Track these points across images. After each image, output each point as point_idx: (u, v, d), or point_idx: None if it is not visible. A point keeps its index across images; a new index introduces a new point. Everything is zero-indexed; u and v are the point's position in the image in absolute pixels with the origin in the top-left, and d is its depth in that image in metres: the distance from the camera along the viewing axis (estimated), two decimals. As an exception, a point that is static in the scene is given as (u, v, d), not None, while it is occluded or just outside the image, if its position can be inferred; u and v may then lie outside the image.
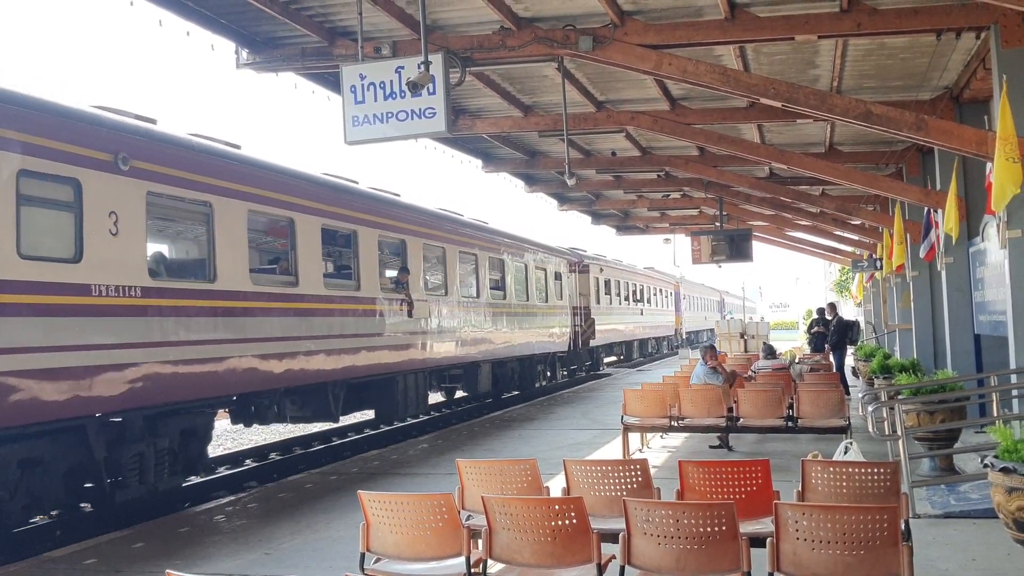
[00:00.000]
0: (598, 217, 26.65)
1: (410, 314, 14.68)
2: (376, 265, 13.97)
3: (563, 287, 24.94)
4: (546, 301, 23.08)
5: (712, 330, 62.82)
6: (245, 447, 15.84)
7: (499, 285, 19.70)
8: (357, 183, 14.09)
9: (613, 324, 31.75)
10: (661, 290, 43.66)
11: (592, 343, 28.11)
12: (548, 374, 24.67)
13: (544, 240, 24.37)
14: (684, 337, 53.37)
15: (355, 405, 14.56)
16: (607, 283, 31.13)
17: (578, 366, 28.26)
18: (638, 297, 37.12)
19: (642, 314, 37.77)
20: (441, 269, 16.56)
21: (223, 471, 12.90)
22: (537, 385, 23.25)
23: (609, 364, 34.96)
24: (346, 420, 19.31)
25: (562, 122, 12.02)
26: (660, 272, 46.12)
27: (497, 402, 21.25)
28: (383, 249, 14.43)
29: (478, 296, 18.20)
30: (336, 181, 13.43)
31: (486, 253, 18.82)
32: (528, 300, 21.51)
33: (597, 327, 28.20)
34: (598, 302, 29.15)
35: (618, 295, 32.96)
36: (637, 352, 38.93)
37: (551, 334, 23.47)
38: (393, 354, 14.32)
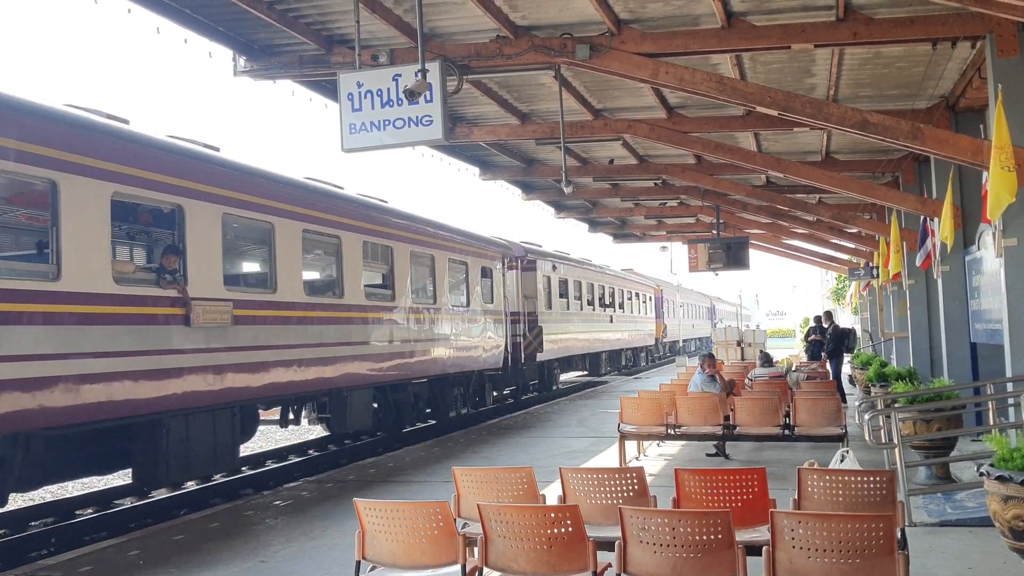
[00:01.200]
0: (595, 225, 26.66)
1: (187, 320, 9.75)
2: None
3: (494, 287, 19.66)
4: (466, 305, 17.86)
5: (701, 339, 60.02)
6: (240, 455, 15.79)
7: (386, 282, 14.83)
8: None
9: (571, 333, 26.43)
10: (638, 294, 37.88)
11: (540, 357, 22.57)
12: (479, 397, 19.78)
13: (467, 226, 18.98)
14: (667, 348, 49.45)
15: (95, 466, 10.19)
16: (563, 284, 25.85)
17: (521, 385, 22.96)
18: (607, 302, 31.87)
19: (612, 321, 32.38)
20: (266, 254, 11.68)
21: (219, 478, 12.86)
22: (453, 413, 18.24)
23: (579, 382, 30.68)
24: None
25: (559, 130, 12.05)
26: (639, 275, 40.72)
27: (395, 438, 16.02)
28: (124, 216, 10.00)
29: (341, 295, 13.13)
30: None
31: (360, 237, 13.60)
32: (436, 303, 16.23)
33: (547, 337, 22.74)
34: (549, 307, 23.76)
35: (578, 299, 27.58)
36: (606, 365, 33.42)
37: (474, 347, 18.11)
38: (150, 385, 9.28)
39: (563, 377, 28.98)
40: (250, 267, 13.55)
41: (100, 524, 10.32)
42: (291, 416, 13.26)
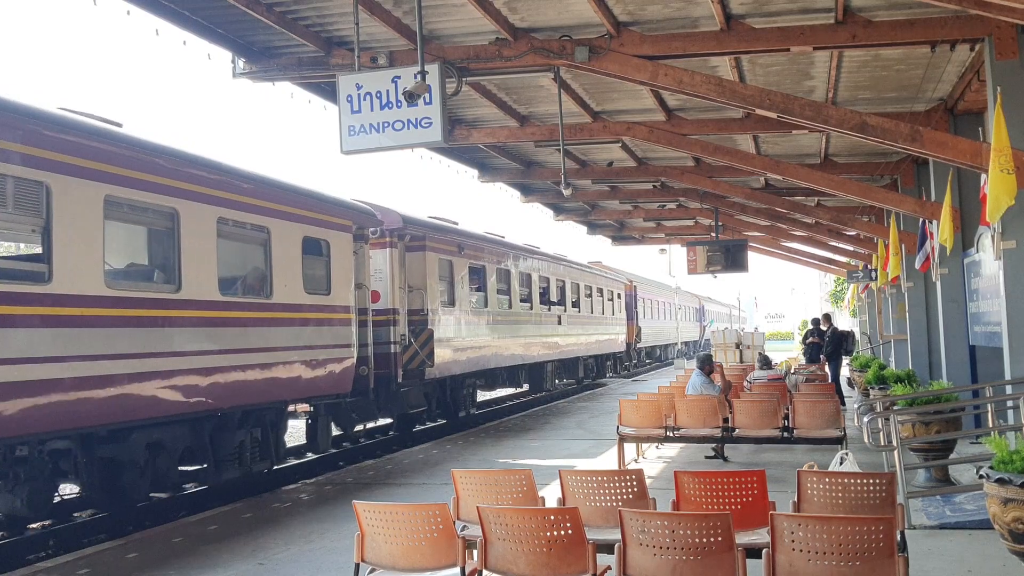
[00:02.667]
0: (594, 227, 26.67)
1: None
2: None
3: (332, 272, 12.69)
4: (266, 295, 11.28)
5: (688, 344, 54.34)
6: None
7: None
8: None
9: (491, 339, 19.28)
10: (601, 290, 30.43)
11: (431, 372, 15.82)
12: (320, 433, 13.64)
13: (266, 172, 11.85)
14: (643, 354, 42.00)
15: None
16: (477, 273, 18.93)
17: (398, 413, 16.26)
18: (553, 298, 24.44)
19: (561, 323, 24.87)
20: None
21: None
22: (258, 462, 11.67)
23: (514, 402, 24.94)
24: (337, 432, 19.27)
25: (558, 132, 12.06)
26: (606, 268, 34.11)
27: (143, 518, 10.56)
28: None
29: None
30: None
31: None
32: (179, 290, 9.76)
33: (441, 344, 16.31)
34: (450, 303, 17.15)
35: (505, 293, 20.61)
36: (552, 379, 25.50)
37: (285, 363, 11.53)
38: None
39: (489, 396, 24.18)
40: None
41: (98, 526, 10.29)
42: None
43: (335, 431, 15.10)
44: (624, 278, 36.06)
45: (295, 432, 15.90)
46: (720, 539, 4.63)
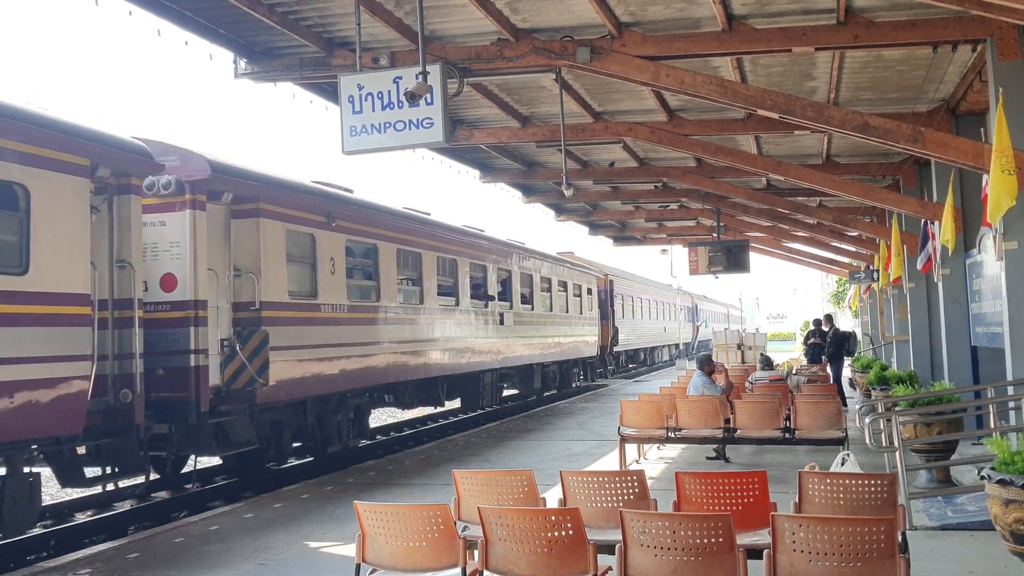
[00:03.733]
0: (596, 228, 26.67)
1: None
2: None
3: (36, 237, 7.94)
4: None
5: (680, 346, 49.67)
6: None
7: None
8: None
9: (371, 346, 13.96)
10: (565, 284, 25.53)
11: (266, 394, 11.13)
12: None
13: None
14: (624, 359, 36.92)
15: None
16: (355, 256, 14.00)
17: (207, 454, 11.23)
18: (495, 293, 19.53)
19: (503, 323, 19.87)
20: None
21: (220, 480, 12.85)
22: None
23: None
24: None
25: (560, 133, 12.05)
26: (579, 260, 29.21)
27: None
28: None
29: None
30: None
31: None
32: None
33: (283, 356, 11.45)
34: (309, 294, 12.50)
35: (412, 283, 15.78)
36: (489, 397, 19.88)
37: None
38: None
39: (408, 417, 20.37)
40: None
41: (99, 527, 10.31)
42: None
43: (57, 492, 11.25)
44: (598, 271, 30.58)
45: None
46: (721, 540, 4.62)
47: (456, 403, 20.86)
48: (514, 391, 24.20)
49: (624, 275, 36.17)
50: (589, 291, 28.65)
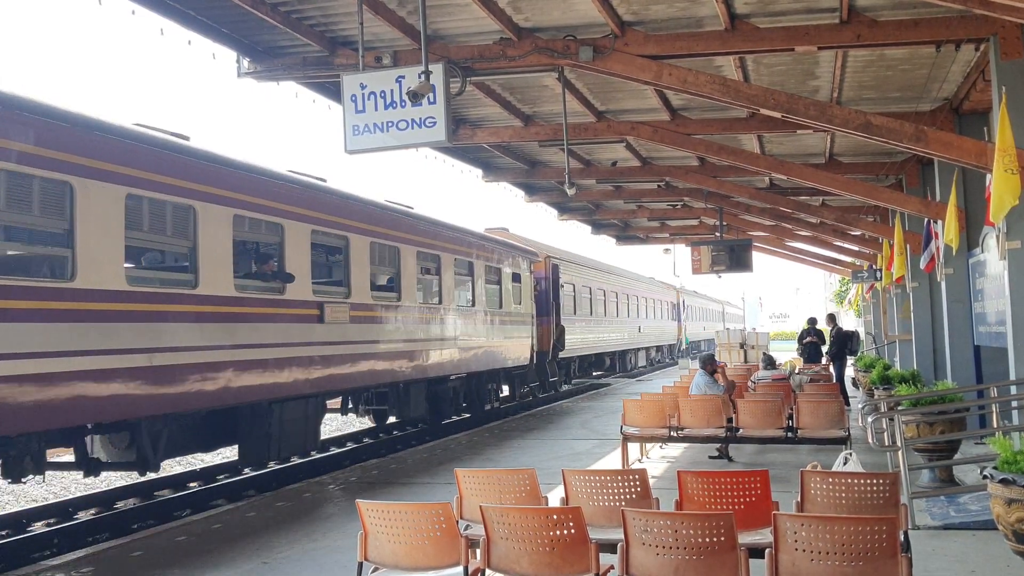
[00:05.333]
0: (598, 227, 26.66)
1: None
2: None
3: None
4: None
5: (661, 348, 43.56)
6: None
7: None
8: None
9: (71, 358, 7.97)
10: (471, 266, 17.81)
11: None
12: None
13: None
14: (573, 368, 27.80)
15: None
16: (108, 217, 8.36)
17: None
18: (334, 276, 13.93)
19: (321, 319, 11.92)
20: None
21: (223, 479, 12.87)
22: None
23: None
24: (346, 429, 19.32)
25: (562, 132, 12.05)
26: (512, 238, 22.45)
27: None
28: None
29: None
30: None
31: None
32: None
33: None
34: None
35: (187, 258, 9.81)
36: (310, 436, 12.44)
37: None
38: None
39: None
40: None
41: (102, 525, 10.33)
42: None
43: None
44: (538, 253, 23.16)
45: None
46: (723, 539, 4.62)
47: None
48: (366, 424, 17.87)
49: (576, 260, 28.06)
50: (516, 277, 20.87)
